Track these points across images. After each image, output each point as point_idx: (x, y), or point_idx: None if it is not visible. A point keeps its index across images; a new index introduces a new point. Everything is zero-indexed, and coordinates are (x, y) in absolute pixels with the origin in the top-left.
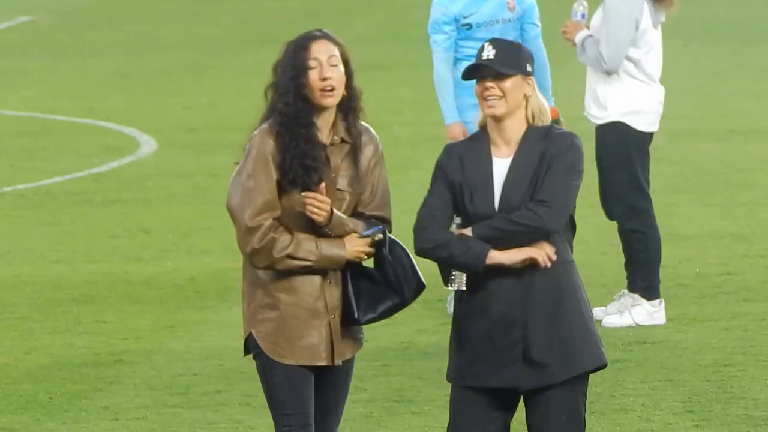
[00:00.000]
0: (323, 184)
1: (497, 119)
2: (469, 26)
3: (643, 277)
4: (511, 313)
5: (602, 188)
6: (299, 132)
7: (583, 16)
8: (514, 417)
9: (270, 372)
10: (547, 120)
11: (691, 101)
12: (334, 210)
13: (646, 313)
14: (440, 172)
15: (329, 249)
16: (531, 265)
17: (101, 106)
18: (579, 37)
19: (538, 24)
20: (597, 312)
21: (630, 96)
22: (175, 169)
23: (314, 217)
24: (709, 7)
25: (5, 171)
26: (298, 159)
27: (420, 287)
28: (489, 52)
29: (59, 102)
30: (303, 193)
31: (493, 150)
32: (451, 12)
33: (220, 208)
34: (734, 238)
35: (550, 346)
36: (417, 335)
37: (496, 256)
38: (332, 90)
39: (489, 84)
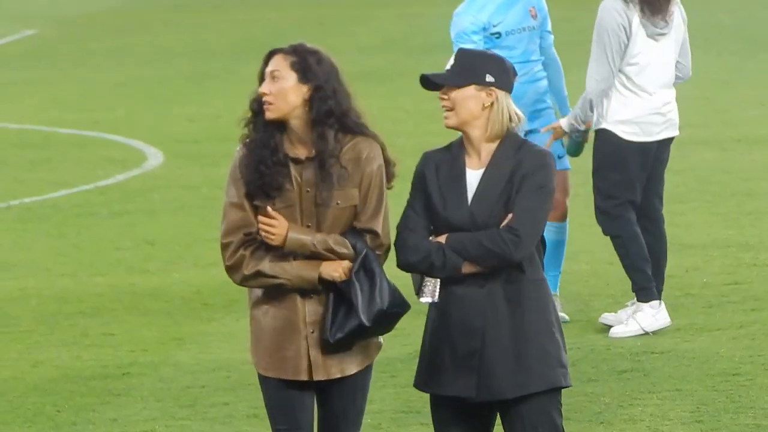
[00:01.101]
0: (269, 208)
1: (455, 129)
2: (498, 35)
3: (634, 281)
4: (471, 321)
5: None
6: (255, 139)
7: None
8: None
9: (262, 385)
10: (519, 130)
11: (695, 110)
12: (290, 232)
13: (649, 315)
14: (417, 180)
15: (303, 269)
16: (497, 276)
17: (106, 117)
18: (565, 125)
19: (551, 32)
20: (608, 317)
21: (618, 106)
22: (181, 180)
23: (267, 240)
24: (711, 15)
25: (10, 184)
26: (254, 165)
27: (382, 317)
28: (449, 63)
29: (64, 114)
30: (258, 217)
31: (467, 160)
32: (480, 20)
33: None
34: (740, 247)
35: (505, 360)
36: None
37: (468, 268)
38: (269, 104)
39: (440, 95)
